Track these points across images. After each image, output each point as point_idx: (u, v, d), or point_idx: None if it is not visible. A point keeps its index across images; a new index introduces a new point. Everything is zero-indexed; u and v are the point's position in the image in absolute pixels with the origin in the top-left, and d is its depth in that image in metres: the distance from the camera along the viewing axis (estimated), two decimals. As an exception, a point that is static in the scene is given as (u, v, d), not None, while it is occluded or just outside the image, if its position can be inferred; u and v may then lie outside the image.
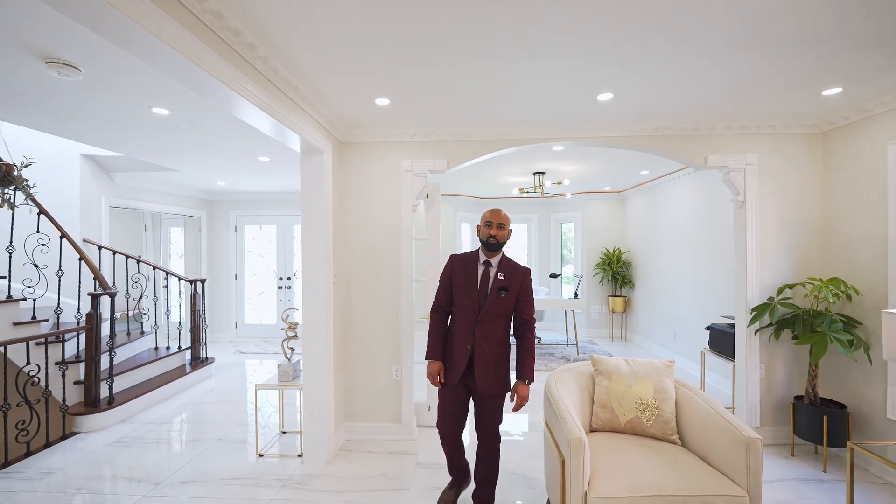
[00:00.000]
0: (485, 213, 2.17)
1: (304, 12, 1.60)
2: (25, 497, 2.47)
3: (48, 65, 2.00)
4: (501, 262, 2.15)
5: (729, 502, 1.67)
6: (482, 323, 2.08)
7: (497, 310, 2.08)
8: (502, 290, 2.07)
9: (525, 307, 2.13)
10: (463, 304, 2.13)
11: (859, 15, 1.66)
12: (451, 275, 2.19)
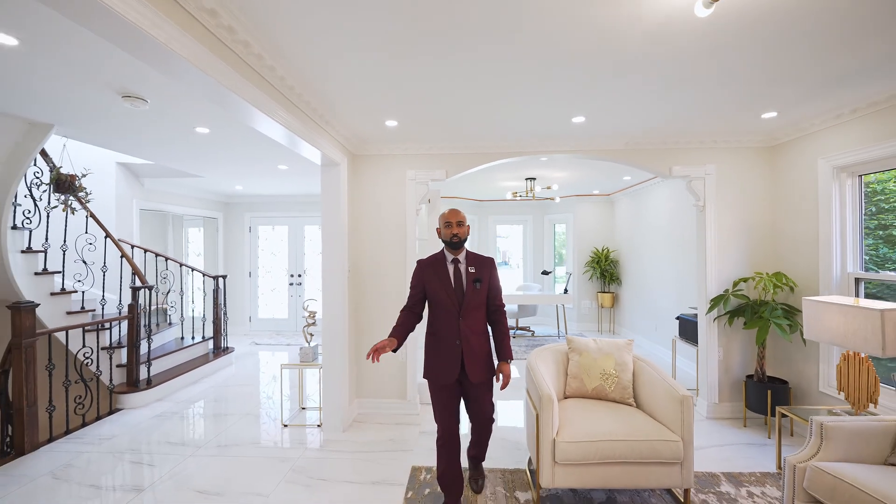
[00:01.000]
0: (443, 215, 2.23)
1: (335, 55, 2.05)
2: (92, 456, 2.94)
3: (124, 98, 2.47)
4: (467, 256, 2.25)
5: (666, 445, 2.13)
6: (465, 317, 2.15)
7: (476, 301, 2.18)
8: (476, 281, 2.18)
9: (496, 294, 2.26)
10: (443, 303, 2.17)
11: (772, 58, 2.12)
12: (423, 279, 2.22)
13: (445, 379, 2.16)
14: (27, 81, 2.30)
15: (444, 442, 2.18)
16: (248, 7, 1.61)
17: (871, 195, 3.03)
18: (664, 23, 1.75)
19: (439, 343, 2.20)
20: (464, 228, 2.21)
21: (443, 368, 2.17)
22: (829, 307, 2.36)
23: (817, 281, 3.06)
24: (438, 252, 2.29)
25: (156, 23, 1.35)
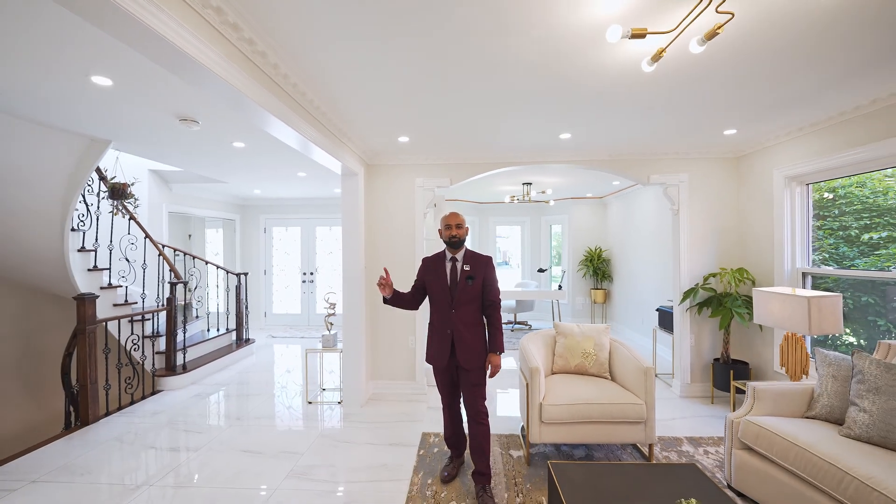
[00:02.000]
0: (444, 218, 2.45)
1: (360, 84, 2.50)
2: (147, 426, 3.42)
3: (180, 121, 2.95)
4: (465, 255, 2.44)
5: (632, 407, 2.61)
6: (457, 309, 2.37)
7: (467, 296, 2.37)
8: (469, 278, 2.37)
9: (490, 290, 2.42)
10: (438, 297, 2.42)
11: (721, 90, 2.59)
12: (424, 276, 2.51)
13: (438, 362, 2.42)
14: (105, 110, 2.78)
15: (447, 409, 2.59)
16: (294, 52, 2.09)
17: (835, 200, 3.44)
18: (622, 72, 2.22)
19: (434, 332, 2.45)
20: (462, 230, 2.41)
21: (436, 353, 2.43)
22: (772, 296, 2.84)
23: (772, 275, 3.53)
24: (441, 251, 2.52)
25: (225, 68, 1.83)
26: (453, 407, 2.58)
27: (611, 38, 1.58)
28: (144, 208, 5.22)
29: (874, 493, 1.68)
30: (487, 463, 2.37)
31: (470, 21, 1.76)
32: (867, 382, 2.09)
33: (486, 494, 2.31)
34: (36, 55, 2.05)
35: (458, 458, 2.66)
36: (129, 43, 1.38)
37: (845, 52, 2.05)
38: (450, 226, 2.42)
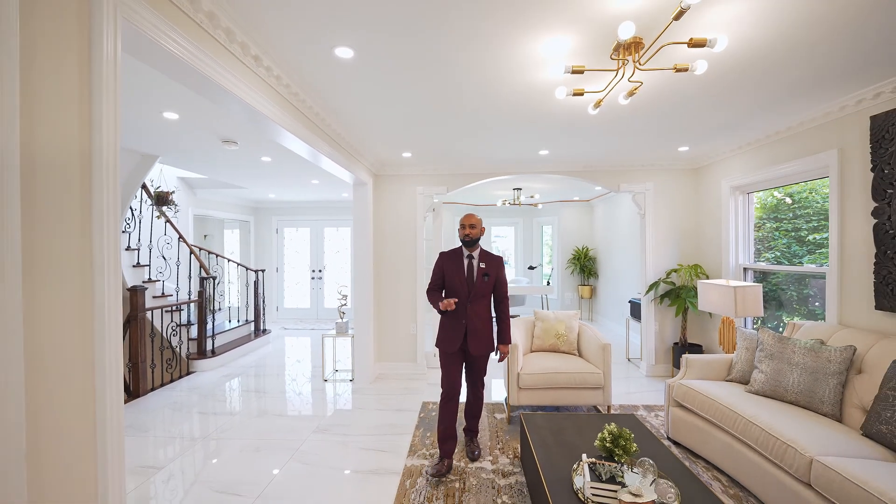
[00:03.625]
0: (460, 219, 2.69)
1: (371, 116, 3.13)
2: (191, 398, 4.04)
3: (223, 143, 3.57)
4: (481, 253, 2.69)
5: (592, 376, 3.23)
6: (472, 302, 2.59)
7: (482, 291, 2.63)
8: (485, 275, 2.61)
9: (501, 287, 2.72)
10: (456, 289, 2.62)
11: (670, 117, 3.20)
12: (443, 267, 2.70)
13: (451, 347, 2.62)
14: (169, 136, 3.39)
15: (447, 401, 2.62)
16: (324, 96, 2.70)
17: (791, 204, 3.88)
18: (580, 110, 2.83)
19: (450, 320, 2.63)
20: (475, 230, 2.63)
21: (450, 340, 2.63)
22: (710, 287, 3.45)
23: (721, 270, 4.14)
24: (457, 247, 2.74)
25: (272, 111, 2.45)
26: (452, 402, 2.62)
27: (559, 96, 2.20)
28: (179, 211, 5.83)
29: (753, 426, 2.30)
30: (478, 423, 2.88)
31: (461, 77, 2.38)
32: (765, 351, 2.70)
33: (474, 443, 2.85)
34: (123, 102, 2.66)
35: (448, 460, 2.60)
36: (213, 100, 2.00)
37: (746, 95, 2.67)
38: (464, 226, 2.64)
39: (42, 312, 1.06)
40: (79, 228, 1.17)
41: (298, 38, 1.92)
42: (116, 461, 1.24)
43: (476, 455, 2.77)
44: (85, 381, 1.18)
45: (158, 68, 1.62)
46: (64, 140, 1.12)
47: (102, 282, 1.21)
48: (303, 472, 2.66)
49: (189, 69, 1.63)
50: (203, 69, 1.67)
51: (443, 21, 1.78)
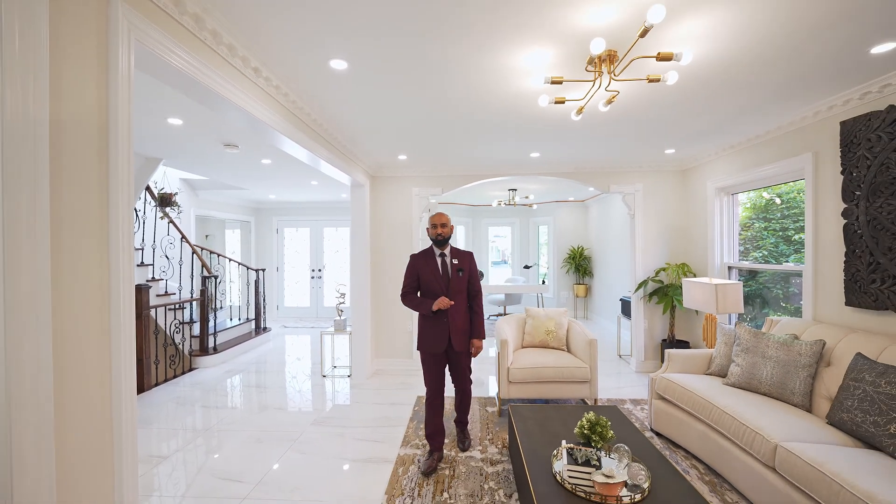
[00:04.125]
0: (430, 218, 2.69)
1: (367, 122, 3.27)
2: (194, 393, 4.17)
3: (225, 146, 3.70)
4: (452, 251, 2.72)
5: (578, 370, 3.36)
6: (451, 299, 2.62)
7: (459, 286, 2.66)
8: (460, 270, 2.66)
9: (474, 281, 2.75)
10: (433, 289, 2.63)
11: (655, 122, 3.33)
12: (417, 269, 2.69)
13: (437, 349, 2.63)
14: (172, 140, 3.53)
15: (432, 400, 2.69)
16: (322, 105, 2.84)
17: (780, 204, 3.98)
18: (565, 116, 2.96)
19: (432, 321, 2.64)
20: (447, 229, 2.66)
21: (435, 341, 2.63)
22: (693, 284, 3.58)
23: (706, 269, 4.27)
24: (428, 248, 2.76)
25: (271, 118, 2.58)
26: (438, 399, 2.70)
27: (542, 104, 2.33)
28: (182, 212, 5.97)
29: (726, 416, 2.43)
30: (467, 415, 2.97)
31: (450, 86, 2.51)
32: (741, 345, 2.84)
33: (465, 433, 2.97)
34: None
35: (437, 453, 2.69)
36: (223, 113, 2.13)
37: (723, 102, 2.80)
38: (435, 225, 2.68)
39: (65, 284, 1.20)
40: (98, 241, 1.31)
41: (295, 51, 2.05)
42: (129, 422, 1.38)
43: (466, 445, 2.88)
44: (101, 352, 1.31)
45: (166, 82, 1.76)
46: (86, 146, 1.26)
47: (120, 293, 1.34)
48: (301, 461, 2.80)
49: (194, 82, 1.76)
50: (206, 81, 1.80)
51: (430, 35, 1.91)
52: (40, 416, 1.09)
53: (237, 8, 1.71)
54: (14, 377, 1.04)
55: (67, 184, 1.20)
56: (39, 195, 1.09)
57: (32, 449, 1.07)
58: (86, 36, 1.26)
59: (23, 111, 1.05)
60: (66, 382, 1.19)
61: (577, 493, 1.82)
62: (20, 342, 1.05)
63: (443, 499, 2.35)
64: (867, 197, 2.53)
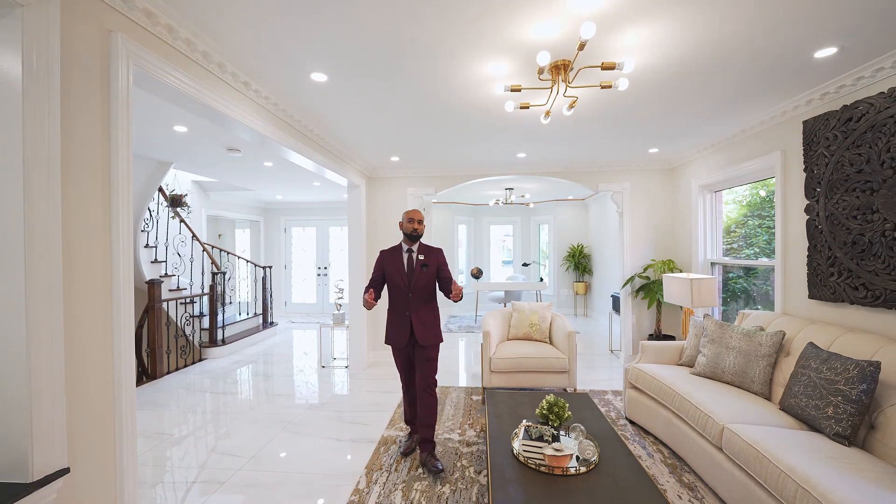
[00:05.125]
0: (407, 213, 2.74)
1: (358, 128, 3.50)
2: (204, 381, 4.48)
3: (228, 150, 3.98)
4: (420, 247, 2.75)
5: (557, 360, 3.52)
6: (413, 293, 2.65)
7: (422, 281, 2.67)
8: (424, 266, 2.68)
9: (444, 270, 2.75)
10: (397, 283, 2.68)
11: (631, 123, 3.47)
12: (383, 265, 2.74)
13: (399, 342, 2.67)
14: (178, 145, 3.83)
15: (407, 390, 2.88)
16: (316, 115, 3.07)
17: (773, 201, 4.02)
18: (536, 119, 3.12)
19: (394, 315, 2.70)
20: (422, 226, 2.74)
21: (397, 334, 2.67)
22: (671, 279, 3.71)
23: (691, 265, 4.37)
24: (397, 244, 2.79)
25: (263, 126, 2.82)
26: (410, 390, 2.85)
27: (508, 109, 2.51)
28: (191, 212, 6.32)
29: (686, 402, 2.57)
30: (433, 432, 2.67)
31: (425, 93, 2.71)
32: (708, 336, 2.96)
33: (433, 458, 2.60)
34: (139, 118, 3.08)
35: (417, 435, 2.85)
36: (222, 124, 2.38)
37: (691, 104, 2.93)
38: (413, 220, 2.70)
39: (76, 284, 1.44)
40: (102, 234, 1.55)
41: (278, 66, 2.28)
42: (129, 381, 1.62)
43: (440, 468, 2.55)
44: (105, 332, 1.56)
45: (165, 98, 2.01)
46: (90, 151, 1.50)
47: (119, 274, 1.59)
48: (293, 440, 3.05)
49: (189, 98, 2.01)
50: (201, 97, 2.05)
51: (398, 49, 2.12)
52: (54, 364, 1.33)
53: (223, 32, 1.94)
54: (36, 336, 1.28)
55: (77, 197, 1.44)
56: (52, 204, 1.34)
57: (48, 389, 1.31)
58: (90, 59, 1.50)
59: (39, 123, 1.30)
60: (74, 349, 1.43)
61: (529, 465, 2.00)
62: (38, 322, 1.29)
63: (417, 473, 2.56)
64: (826, 193, 2.64)
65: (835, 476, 1.66)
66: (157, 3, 1.69)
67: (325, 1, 1.72)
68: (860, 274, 2.42)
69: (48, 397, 1.31)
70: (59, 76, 1.36)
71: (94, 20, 1.51)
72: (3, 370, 1.28)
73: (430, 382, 2.68)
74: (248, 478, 2.55)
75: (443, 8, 1.76)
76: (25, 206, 1.27)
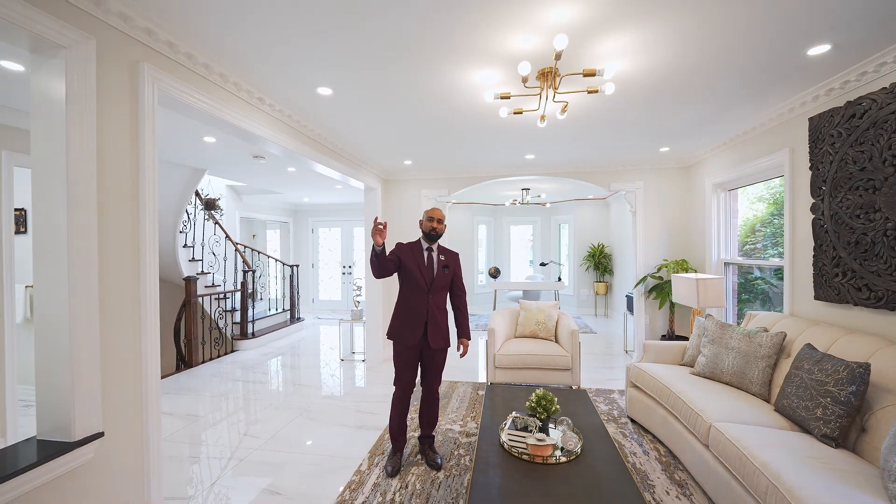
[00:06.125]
0: (427, 211, 2.65)
1: (370, 136, 3.71)
2: (235, 370, 4.86)
3: (254, 157, 4.31)
4: (439, 248, 2.68)
5: (560, 358, 3.59)
6: (433, 294, 2.58)
7: (442, 283, 2.62)
8: (445, 267, 2.62)
9: (459, 280, 2.70)
10: (416, 280, 2.56)
11: (624, 127, 3.49)
12: (400, 255, 2.58)
13: (410, 341, 2.53)
14: (209, 153, 4.19)
15: (400, 397, 2.61)
16: (333, 127, 3.31)
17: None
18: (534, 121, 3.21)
19: (408, 312, 2.56)
20: (442, 226, 2.64)
21: (409, 332, 2.54)
22: (679, 279, 3.68)
23: (704, 265, 4.29)
24: (415, 241, 2.69)
25: (279, 137, 3.07)
26: (406, 398, 2.63)
27: (502, 115, 2.63)
28: (224, 214, 6.81)
29: (679, 400, 2.60)
30: (434, 428, 2.77)
31: (424, 102, 2.87)
32: (709, 336, 2.95)
33: (433, 451, 2.70)
34: (173, 130, 3.43)
35: (399, 452, 2.67)
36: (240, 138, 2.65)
37: (695, 104, 2.93)
38: (432, 218, 2.62)
39: (108, 281, 1.71)
40: (131, 232, 1.82)
41: (286, 83, 2.52)
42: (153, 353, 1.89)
43: (440, 464, 2.63)
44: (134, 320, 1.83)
45: (189, 116, 2.28)
46: (121, 166, 1.77)
47: (145, 267, 1.85)
48: (307, 425, 3.30)
49: (208, 115, 2.27)
50: (219, 114, 2.31)
51: (396, 61, 2.29)
52: (91, 342, 1.60)
53: (235, 55, 2.18)
54: (76, 318, 1.55)
55: (110, 200, 1.71)
56: (89, 208, 1.60)
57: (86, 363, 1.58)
58: (121, 86, 1.77)
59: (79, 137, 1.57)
60: (107, 333, 1.70)
61: (513, 453, 2.12)
62: (78, 311, 1.56)
63: (415, 460, 2.73)
64: (830, 192, 2.58)
65: (806, 474, 1.68)
66: (177, 34, 1.95)
67: (322, 25, 1.91)
68: (863, 275, 2.36)
69: (87, 372, 1.58)
70: (94, 101, 1.62)
71: (123, 54, 1.77)
72: (51, 350, 1.55)
73: (437, 385, 2.70)
74: (265, 456, 2.82)
75: (432, 24, 1.91)
76: (69, 210, 1.54)
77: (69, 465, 1.51)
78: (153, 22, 1.83)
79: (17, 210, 4.16)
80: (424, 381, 2.69)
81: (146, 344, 1.84)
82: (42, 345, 1.56)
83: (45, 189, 1.55)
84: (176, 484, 2.51)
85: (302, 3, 1.74)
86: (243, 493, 2.41)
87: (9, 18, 1.36)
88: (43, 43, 1.50)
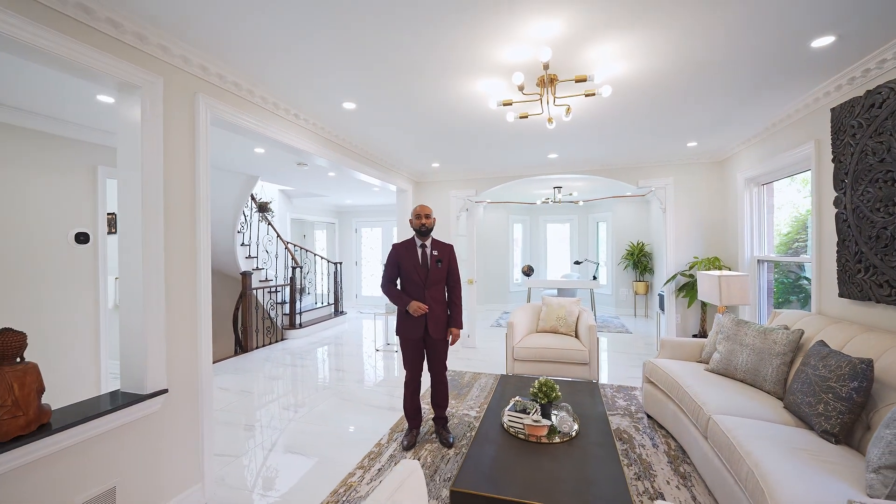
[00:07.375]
0: (414, 209, 2.78)
1: (398, 143, 4.03)
2: (285, 356, 5.42)
3: (297, 165, 4.81)
4: (433, 243, 2.80)
5: (578, 352, 3.68)
6: (429, 288, 2.70)
7: (437, 276, 2.73)
8: (439, 261, 2.73)
9: (454, 272, 2.81)
10: (412, 278, 2.70)
11: (640, 122, 3.51)
12: (398, 259, 2.74)
13: (413, 335, 2.71)
14: (259, 161, 4.74)
15: (410, 382, 2.84)
16: (364, 138, 3.67)
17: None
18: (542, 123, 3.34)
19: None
20: (430, 220, 2.77)
21: (411, 327, 2.70)
22: (703, 277, 3.64)
23: (737, 262, 4.15)
24: (409, 239, 2.82)
25: (314, 147, 3.46)
26: (415, 382, 2.83)
27: (509, 119, 2.81)
28: (275, 216, 7.51)
29: (686, 395, 2.63)
30: (445, 409, 2.96)
31: (437, 110, 3.12)
32: (724, 333, 2.93)
33: (445, 430, 2.92)
34: (229, 145, 3.96)
35: (415, 430, 2.89)
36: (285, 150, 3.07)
37: (714, 98, 2.92)
38: (420, 215, 2.75)
39: (173, 275, 2.14)
40: (189, 230, 2.24)
41: (316, 100, 2.88)
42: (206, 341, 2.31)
43: (451, 441, 2.84)
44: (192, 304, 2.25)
45: (237, 133, 2.71)
46: (182, 175, 2.20)
47: (199, 259, 2.27)
48: (339, 404, 3.68)
49: (253, 132, 2.69)
50: (261, 130, 2.72)
51: (407, 77, 2.56)
52: (158, 320, 2.03)
53: (272, 80, 2.57)
54: (148, 300, 1.98)
55: (173, 204, 2.14)
56: (158, 211, 2.03)
57: (155, 336, 2.01)
58: (182, 112, 2.19)
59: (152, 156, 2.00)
60: (171, 313, 2.13)
61: (510, 432, 2.31)
62: (150, 295, 1.99)
63: (429, 437, 2.99)
64: (852, 185, 2.49)
65: (788, 463, 1.72)
66: (225, 68, 2.36)
67: (345, 55, 2.23)
68: (884, 270, 2.28)
69: (155, 341, 2.01)
70: (161, 125, 2.05)
71: (184, 87, 2.20)
72: (131, 325, 1.99)
73: (443, 370, 2.88)
74: (302, 426, 3.22)
75: (431, 42, 2.16)
76: (143, 212, 1.97)
77: (142, 412, 1.93)
78: (207, 60, 2.24)
79: (109, 214, 4.96)
80: (431, 368, 2.87)
81: (200, 326, 2.26)
82: (125, 321, 2.00)
83: (126, 196, 1.99)
84: (227, 443, 2.97)
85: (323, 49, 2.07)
86: (279, 455, 2.81)
87: (103, 70, 1.80)
88: (126, 84, 1.93)
